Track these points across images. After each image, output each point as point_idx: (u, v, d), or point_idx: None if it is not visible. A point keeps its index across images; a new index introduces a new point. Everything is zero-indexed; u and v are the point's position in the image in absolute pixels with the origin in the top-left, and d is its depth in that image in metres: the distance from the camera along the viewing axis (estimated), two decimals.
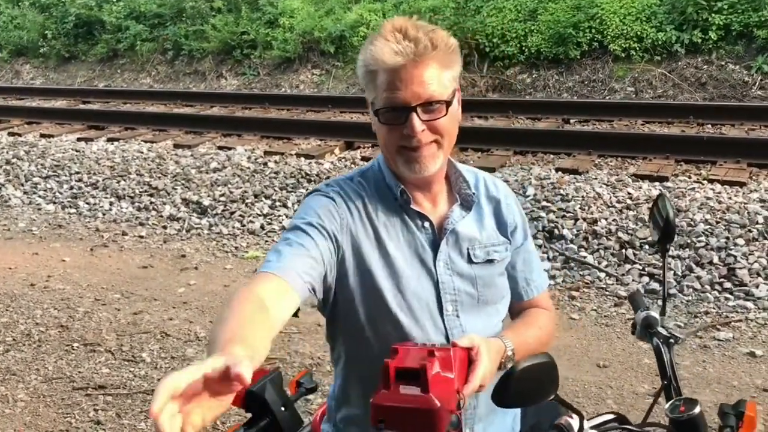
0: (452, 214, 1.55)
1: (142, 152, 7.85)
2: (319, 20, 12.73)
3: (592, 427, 1.37)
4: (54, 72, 15.45)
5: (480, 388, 1.26)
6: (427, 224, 1.54)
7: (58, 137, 8.87)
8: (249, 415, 1.93)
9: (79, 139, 8.72)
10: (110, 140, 8.56)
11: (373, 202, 1.53)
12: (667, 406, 1.44)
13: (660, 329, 1.63)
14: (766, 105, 8.28)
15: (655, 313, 1.67)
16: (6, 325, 4.32)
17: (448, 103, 1.45)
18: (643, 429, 1.46)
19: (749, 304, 4.19)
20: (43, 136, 9.03)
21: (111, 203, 6.75)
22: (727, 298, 4.28)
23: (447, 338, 1.50)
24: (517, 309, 1.70)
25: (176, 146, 8.05)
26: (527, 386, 1.20)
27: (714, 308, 4.22)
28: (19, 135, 9.16)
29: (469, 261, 1.56)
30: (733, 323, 4.05)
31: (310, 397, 2.14)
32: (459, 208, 1.57)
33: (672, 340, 1.62)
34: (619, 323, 4.15)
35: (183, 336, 4.14)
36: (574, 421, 1.33)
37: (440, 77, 1.44)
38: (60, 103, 11.80)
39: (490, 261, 1.58)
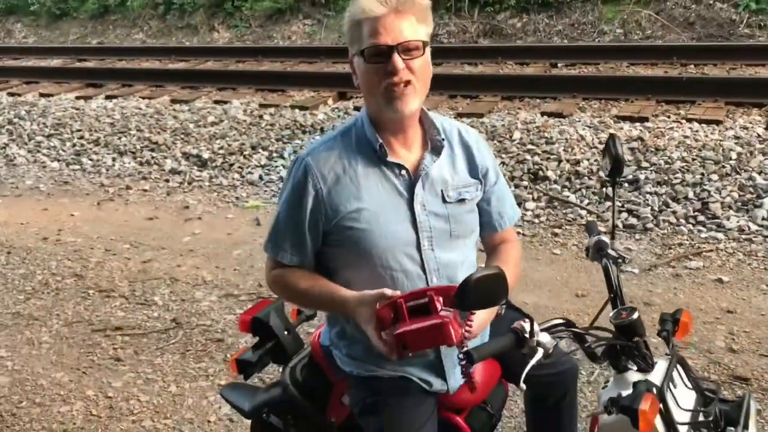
0: (425, 160, 1.78)
1: (140, 108, 8.04)
2: None
3: (542, 330, 1.56)
4: (46, 30, 15.46)
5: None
6: (403, 172, 1.77)
7: (57, 96, 9.04)
8: (256, 339, 2.22)
9: (77, 98, 8.89)
10: (108, 98, 8.73)
11: (354, 158, 1.75)
12: (611, 314, 1.68)
13: (610, 251, 1.87)
14: (747, 44, 8.44)
15: (605, 238, 1.91)
16: (24, 276, 4.60)
17: (424, 47, 1.69)
18: (588, 332, 1.66)
19: (720, 235, 4.46)
20: (42, 95, 9.20)
21: (114, 159, 6.98)
22: (700, 231, 4.56)
23: (423, 269, 1.75)
24: (490, 241, 1.96)
25: (173, 101, 8.24)
26: (482, 293, 1.44)
27: (687, 240, 4.49)
28: (19, 95, 9.32)
29: (443, 201, 1.79)
30: (704, 253, 4.33)
31: (313, 323, 2.42)
32: (430, 154, 1.79)
33: (620, 260, 1.87)
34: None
35: (191, 280, 4.42)
36: (527, 325, 1.54)
37: (417, 28, 1.68)
38: (56, 62, 11.89)
39: (462, 200, 1.82)
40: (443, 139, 1.81)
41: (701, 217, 4.63)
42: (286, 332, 2.16)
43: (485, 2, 11.05)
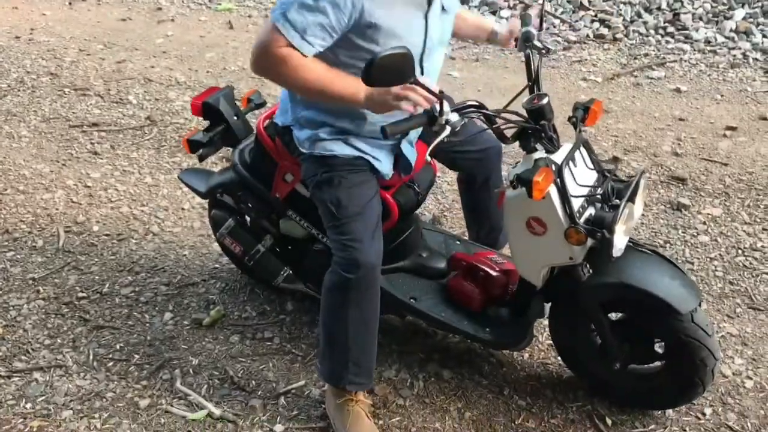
0: None
1: None
2: None
3: (453, 110, 1.66)
4: None
5: None
6: None
7: None
8: (207, 122, 2.37)
9: None
10: None
11: None
12: (525, 99, 1.82)
13: (536, 42, 1.98)
14: None
15: (533, 30, 2.01)
16: None
17: None
18: (499, 114, 1.76)
19: (686, 47, 4.53)
20: None
21: None
22: (667, 41, 4.61)
23: (422, 68, 1.84)
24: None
25: None
26: (389, 71, 1.52)
27: (654, 51, 4.56)
28: None
29: (443, 9, 1.88)
30: (668, 64, 4.42)
31: (258, 112, 2.55)
32: None
33: (544, 51, 1.98)
34: (565, 65, 4.52)
35: (165, 81, 4.50)
36: (437, 105, 1.62)
37: None
38: None
39: (451, 8, 1.91)
40: None
41: (671, 28, 4.67)
42: (235, 117, 2.32)
43: None
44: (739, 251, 2.84)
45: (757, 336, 2.41)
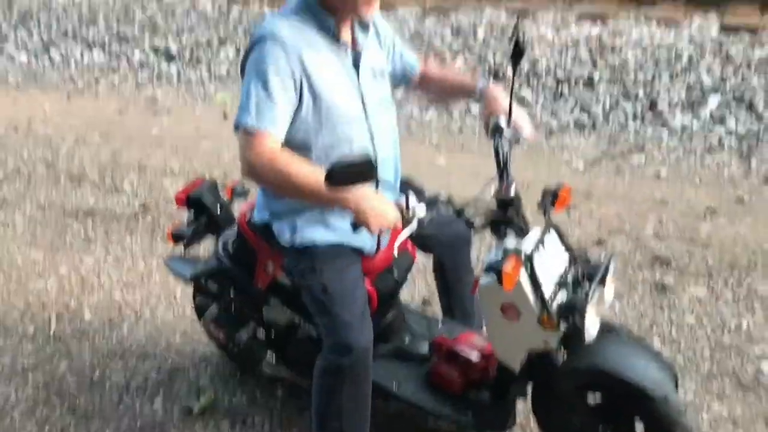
0: (358, 39, 1.97)
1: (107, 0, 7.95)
2: None
3: (422, 202, 1.76)
4: None
5: None
6: (348, 51, 1.95)
7: None
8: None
9: None
10: None
11: (314, 38, 1.90)
12: (494, 188, 1.86)
13: (504, 129, 1.99)
14: None
15: (503, 118, 2.00)
16: None
17: None
18: (467, 205, 1.82)
19: (664, 133, 4.70)
20: None
21: (82, 52, 6.98)
22: (646, 128, 4.79)
23: (370, 134, 1.95)
24: (417, 80, 2.22)
25: None
26: (350, 174, 1.61)
27: (633, 137, 4.73)
28: None
29: (374, 75, 2.00)
30: (647, 149, 4.58)
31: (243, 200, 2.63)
32: (360, 32, 1.98)
33: (514, 140, 2.04)
34: (547, 152, 4.67)
35: (159, 170, 4.61)
36: (402, 199, 1.74)
37: None
38: None
39: (383, 75, 2.04)
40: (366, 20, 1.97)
41: (649, 115, 4.86)
42: (219, 208, 2.40)
43: None
44: (725, 331, 2.88)
45: (747, 417, 2.43)
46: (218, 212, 2.38)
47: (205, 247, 3.55)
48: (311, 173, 1.76)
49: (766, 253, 3.44)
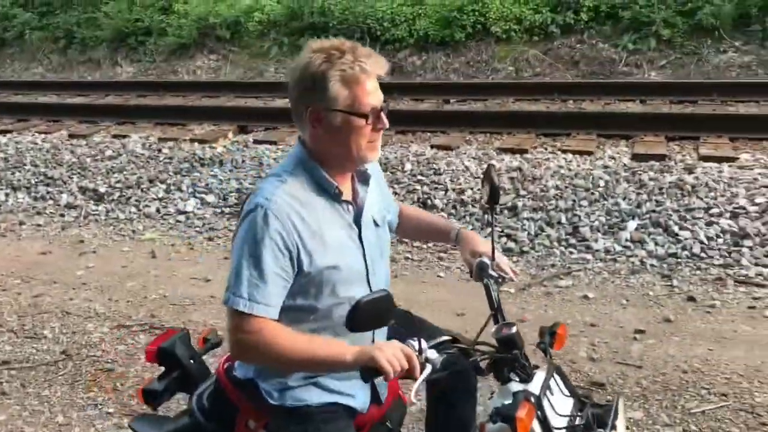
0: (359, 192, 1.97)
1: (36, 143, 7.91)
2: (214, 6, 12.85)
3: (431, 347, 1.71)
4: None
5: None
6: (350, 207, 1.94)
7: None
8: (162, 369, 2.24)
9: None
10: (2, 132, 8.55)
11: (312, 200, 1.84)
12: (493, 329, 1.88)
13: (491, 272, 2.04)
14: (622, 81, 9.15)
15: (486, 260, 2.06)
16: None
17: None
18: (473, 347, 1.82)
19: (588, 256, 4.86)
20: None
21: (6, 194, 6.86)
22: (571, 252, 4.94)
23: (369, 287, 1.91)
24: (398, 224, 2.26)
25: (71, 136, 8.15)
26: (368, 315, 1.59)
27: (559, 261, 4.86)
28: None
29: (375, 225, 2.00)
30: (573, 273, 4.71)
31: (216, 351, 2.50)
32: (360, 186, 1.98)
33: (500, 280, 2.06)
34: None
35: (83, 313, 4.44)
36: (416, 343, 1.69)
37: None
38: None
39: (384, 221, 2.06)
40: (366, 170, 1.99)
41: (572, 240, 5.03)
42: (191, 361, 2.23)
43: (386, 40, 11.47)
44: None
45: None
46: (191, 364, 2.23)
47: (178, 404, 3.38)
48: (306, 344, 1.74)
49: (696, 372, 3.50)
